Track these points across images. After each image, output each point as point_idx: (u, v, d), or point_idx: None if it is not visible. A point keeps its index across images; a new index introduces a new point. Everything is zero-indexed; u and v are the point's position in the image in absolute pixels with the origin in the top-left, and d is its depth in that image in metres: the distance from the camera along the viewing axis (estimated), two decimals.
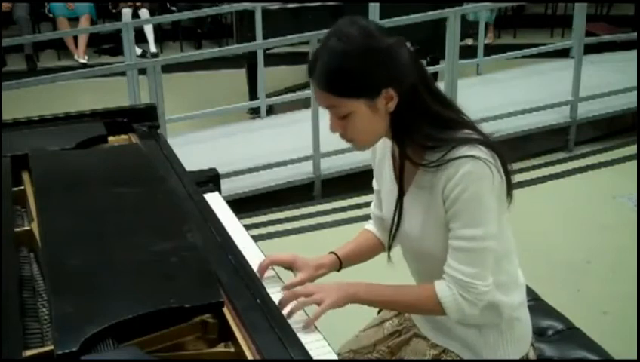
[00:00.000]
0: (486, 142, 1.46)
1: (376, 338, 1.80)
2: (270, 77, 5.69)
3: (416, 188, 1.54)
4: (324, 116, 1.51)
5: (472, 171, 1.42)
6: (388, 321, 1.82)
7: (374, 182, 1.76)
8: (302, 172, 4.58)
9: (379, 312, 1.90)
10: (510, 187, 1.50)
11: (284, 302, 1.51)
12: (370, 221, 1.85)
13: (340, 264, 1.76)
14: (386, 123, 1.48)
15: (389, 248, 1.66)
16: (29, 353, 1.22)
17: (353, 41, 1.42)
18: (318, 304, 1.50)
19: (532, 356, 1.69)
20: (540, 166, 4.74)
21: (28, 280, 1.47)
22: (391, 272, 1.70)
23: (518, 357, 1.65)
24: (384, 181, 1.67)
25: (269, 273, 1.70)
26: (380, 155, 1.68)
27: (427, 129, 1.46)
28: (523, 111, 5.05)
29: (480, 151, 1.43)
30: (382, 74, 1.42)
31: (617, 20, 7.78)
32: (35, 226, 1.62)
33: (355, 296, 1.55)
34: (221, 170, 2.35)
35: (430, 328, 1.70)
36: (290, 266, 1.72)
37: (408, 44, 1.46)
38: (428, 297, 1.53)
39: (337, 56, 1.42)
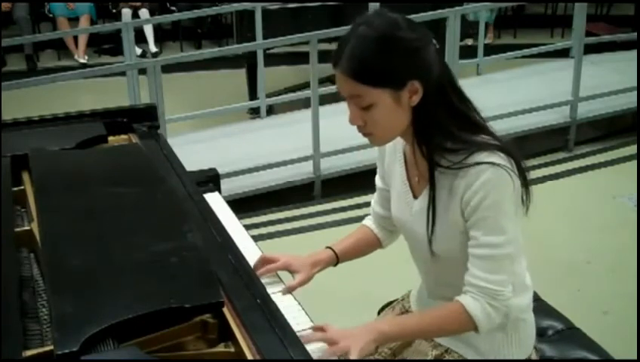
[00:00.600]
0: (503, 148, 1.45)
1: None
2: (270, 77, 5.69)
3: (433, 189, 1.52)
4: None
5: (492, 179, 1.42)
6: None
7: (378, 180, 1.75)
8: (302, 172, 4.57)
9: (379, 313, 1.90)
10: (528, 193, 1.50)
11: (308, 343, 1.42)
12: (369, 217, 1.84)
13: (337, 259, 1.76)
14: (408, 118, 1.46)
15: (431, 252, 1.57)
16: (29, 353, 1.22)
17: (383, 30, 1.40)
18: (346, 352, 1.41)
19: (534, 357, 1.69)
20: (540, 166, 4.73)
21: (28, 280, 1.47)
22: (391, 272, 1.70)
23: (521, 358, 1.65)
24: (394, 183, 1.65)
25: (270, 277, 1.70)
26: (390, 157, 1.66)
27: (450, 127, 1.45)
28: (523, 111, 5.05)
29: (499, 158, 1.43)
30: (409, 65, 1.41)
31: (617, 20, 7.78)
32: (35, 226, 1.62)
33: (382, 335, 1.47)
34: (221, 170, 2.35)
35: None
36: (285, 269, 1.72)
37: (435, 41, 1.45)
38: (457, 314, 1.48)
39: (367, 43, 1.40)
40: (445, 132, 1.45)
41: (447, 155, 1.47)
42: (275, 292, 1.59)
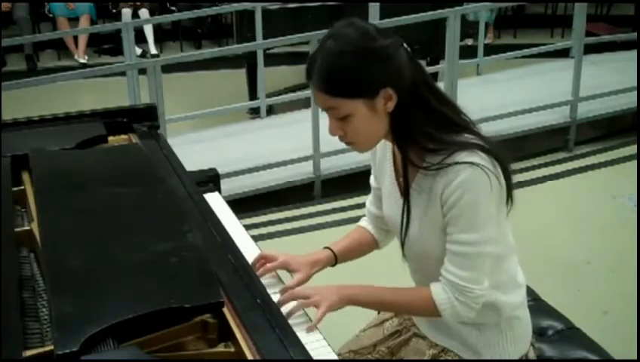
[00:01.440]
0: (486, 148, 1.46)
1: (376, 339, 1.80)
2: (270, 77, 5.68)
3: (415, 191, 1.54)
4: (324, 116, 1.51)
5: (470, 178, 1.43)
6: (388, 321, 1.83)
7: (372, 180, 1.77)
8: (302, 172, 4.58)
9: (379, 312, 1.90)
10: (510, 192, 1.50)
11: (282, 304, 1.53)
12: (365, 218, 1.85)
13: (335, 259, 1.77)
14: (386, 124, 1.48)
15: (403, 249, 1.64)
16: (29, 353, 1.22)
17: (350, 41, 1.42)
18: (316, 306, 1.52)
19: (532, 356, 1.69)
20: (539, 166, 4.74)
21: (28, 280, 1.47)
22: (390, 272, 1.70)
23: (517, 357, 1.66)
24: (384, 182, 1.67)
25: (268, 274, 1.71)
26: (381, 155, 1.68)
27: (429, 129, 1.46)
28: (523, 111, 5.04)
29: (479, 158, 1.44)
30: (380, 73, 1.42)
31: (617, 20, 7.78)
32: (35, 226, 1.62)
33: (352, 298, 1.56)
34: (221, 170, 2.35)
35: (429, 327, 1.70)
36: (284, 269, 1.72)
37: (405, 45, 1.47)
38: (424, 299, 1.55)
39: (334, 57, 1.42)
40: (424, 133, 1.47)
41: (427, 157, 1.48)
42: (275, 293, 1.59)
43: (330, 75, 1.43)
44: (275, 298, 1.53)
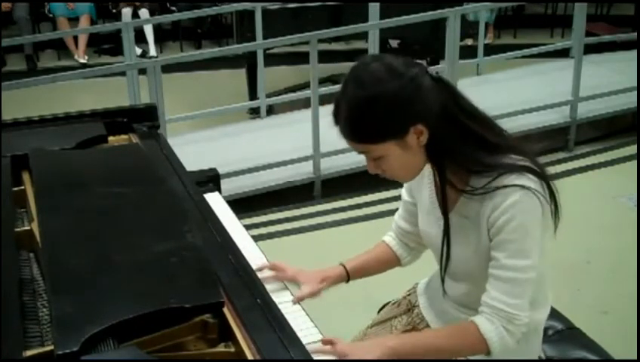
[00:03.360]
0: (534, 169, 1.42)
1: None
2: (270, 77, 5.69)
3: (460, 216, 1.49)
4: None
5: (520, 201, 1.38)
6: (396, 318, 1.80)
7: (404, 194, 1.72)
8: (302, 172, 4.57)
9: (379, 311, 1.89)
10: (557, 214, 1.47)
11: (314, 352, 1.42)
12: (390, 233, 1.80)
13: (347, 277, 1.74)
14: (423, 156, 1.44)
15: (443, 280, 1.59)
16: (29, 353, 1.22)
17: (371, 86, 1.37)
18: None
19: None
20: None
21: (28, 282, 1.46)
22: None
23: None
24: (422, 200, 1.62)
25: (277, 284, 1.70)
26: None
27: (471, 152, 1.42)
28: (523, 111, 5.04)
29: (529, 181, 1.40)
30: (405, 114, 1.38)
31: (617, 20, 7.78)
32: (35, 226, 1.62)
33: (393, 351, 1.44)
34: (221, 170, 2.35)
35: (442, 324, 1.67)
36: (292, 280, 1.71)
37: (429, 70, 1.42)
38: (469, 336, 1.45)
39: (357, 106, 1.38)
40: (464, 157, 1.42)
41: (471, 180, 1.44)
42: (281, 302, 1.57)
43: (357, 124, 1.39)
44: (283, 308, 1.49)
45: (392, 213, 1.87)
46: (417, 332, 1.56)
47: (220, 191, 2.15)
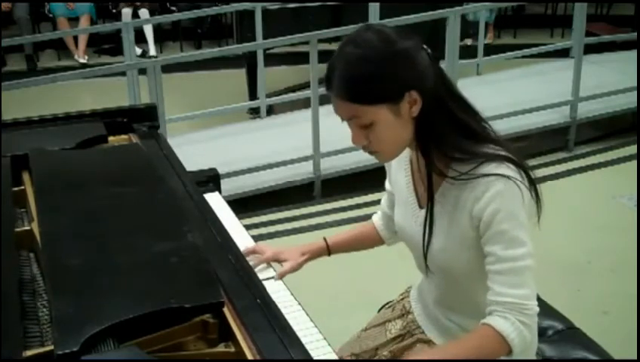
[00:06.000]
0: (513, 159, 1.41)
1: (379, 342, 1.77)
2: (270, 77, 5.69)
3: (439, 202, 1.48)
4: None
5: (502, 190, 1.38)
6: (391, 322, 1.79)
7: (387, 184, 1.74)
8: (302, 172, 4.57)
9: (379, 310, 1.89)
10: (539, 204, 1.45)
11: None
12: (378, 213, 1.84)
13: (328, 249, 1.82)
14: (411, 130, 1.42)
15: (427, 266, 1.57)
16: (29, 353, 1.22)
17: (370, 45, 1.36)
18: None
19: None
20: (539, 166, 4.73)
21: (28, 282, 1.46)
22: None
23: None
24: (399, 189, 1.63)
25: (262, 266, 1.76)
26: (396, 165, 1.64)
27: (455, 138, 1.41)
28: (523, 111, 5.05)
29: (509, 170, 1.39)
30: (404, 75, 1.37)
31: (617, 20, 7.78)
32: (35, 226, 1.62)
33: None
34: (221, 170, 2.35)
35: (436, 332, 1.67)
36: (274, 260, 1.77)
37: (425, 46, 1.42)
38: (488, 340, 1.39)
39: (355, 63, 1.37)
40: (450, 141, 1.41)
41: (454, 165, 1.43)
42: (267, 278, 1.66)
43: (353, 82, 1.37)
44: (267, 283, 1.56)
45: None
46: (436, 348, 1.55)
47: (220, 191, 2.15)
